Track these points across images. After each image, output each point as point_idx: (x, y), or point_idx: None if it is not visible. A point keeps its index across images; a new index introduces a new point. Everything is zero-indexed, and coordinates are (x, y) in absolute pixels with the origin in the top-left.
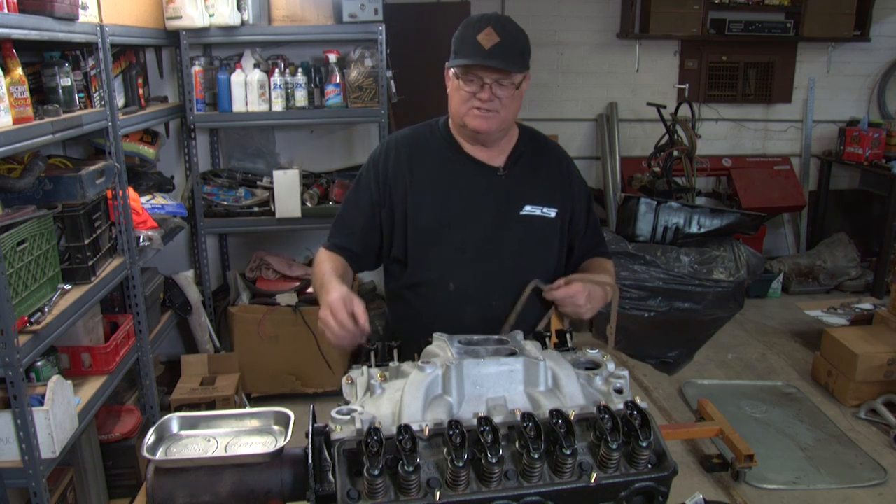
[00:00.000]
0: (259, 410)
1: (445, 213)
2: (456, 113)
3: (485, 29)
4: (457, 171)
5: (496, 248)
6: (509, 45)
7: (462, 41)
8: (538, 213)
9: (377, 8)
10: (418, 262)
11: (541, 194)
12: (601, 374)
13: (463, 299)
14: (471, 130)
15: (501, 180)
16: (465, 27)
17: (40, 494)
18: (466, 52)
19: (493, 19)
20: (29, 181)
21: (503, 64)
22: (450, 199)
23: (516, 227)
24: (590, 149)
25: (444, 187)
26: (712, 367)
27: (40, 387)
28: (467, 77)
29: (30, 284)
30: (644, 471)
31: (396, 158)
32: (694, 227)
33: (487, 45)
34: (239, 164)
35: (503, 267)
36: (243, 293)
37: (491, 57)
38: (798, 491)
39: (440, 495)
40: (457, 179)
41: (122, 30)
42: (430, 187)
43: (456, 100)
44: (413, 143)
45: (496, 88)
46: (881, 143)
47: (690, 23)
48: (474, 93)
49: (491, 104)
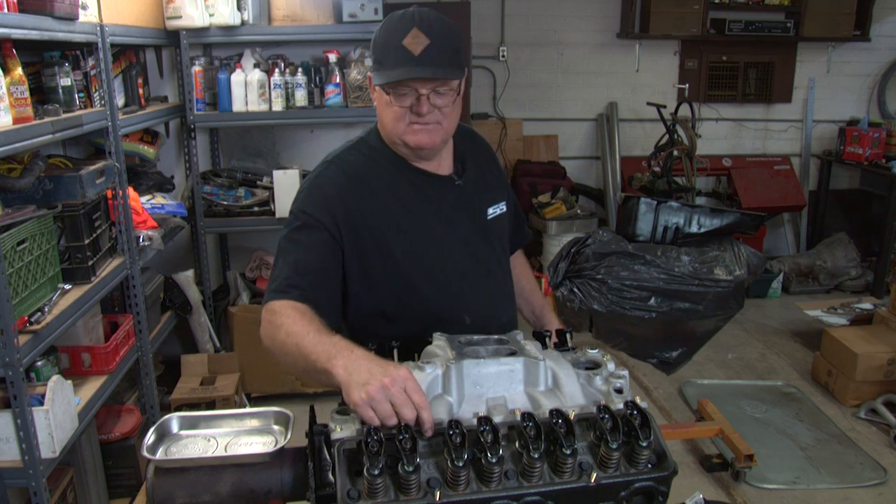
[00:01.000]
0: (259, 410)
1: (427, 242)
2: (391, 132)
3: (410, 31)
4: (418, 192)
5: (486, 262)
6: (441, 46)
7: (385, 49)
8: (499, 213)
9: (377, 8)
10: (415, 309)
11: (493, 193)
12: (601, 374)
13: (480, 327)
14: (413, 148)
15: (460, 188)
16: (387, 31)
17: (40, 494)
18: (393, 62)
19: (417, 18)
20: (29, 181)
21: (439, 72)
22: (425, 223)
23: (489, 233)
24: (590, 149)
25: (416, 213)
26: (712, 367)
27: (40, 387)
28: (399, 91)
29: (30, 284)
30: (644, 471)
31: (353, 194)
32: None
33: (417, 51)
34: (239, 163)
35: (496, 278)
36: (243, 293)
37: (423, 64)
38: (798, 491)
39: (440, 495)
40: (423, 202)
41: (122, 29)
42: (400, 219)
43: (389, 117)
44: (359, 172)
45: (434, 98)
46: (881, 142)
47: (690, 23)
48: (409, 107)
49: (431, 116)
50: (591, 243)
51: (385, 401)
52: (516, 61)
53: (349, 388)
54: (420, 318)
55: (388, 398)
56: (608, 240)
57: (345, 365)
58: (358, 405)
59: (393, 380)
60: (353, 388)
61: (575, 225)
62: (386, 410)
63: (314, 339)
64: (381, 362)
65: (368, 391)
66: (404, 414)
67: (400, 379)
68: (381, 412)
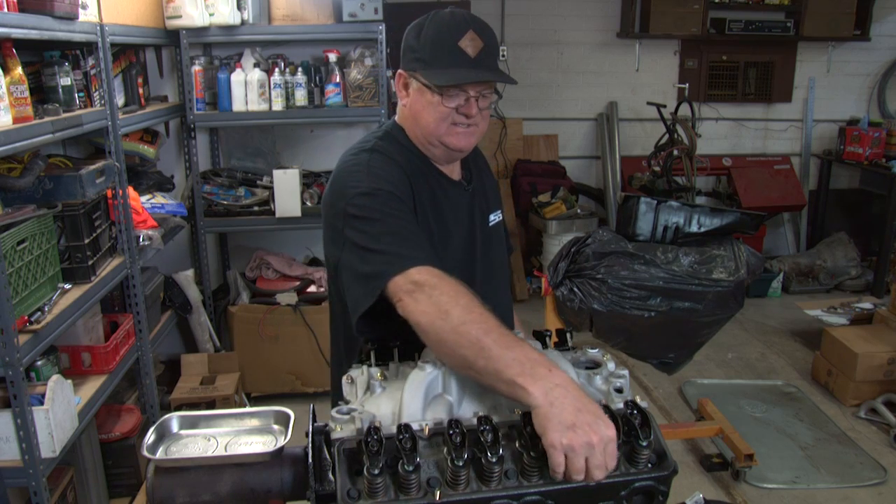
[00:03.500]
0: (259, 410)
1: (449, 244)
2: (432, 132)
3: (466, 33)
4: (442, 193)
5: (491, 268)
6: (493, 49)
7: (438, 48)
8: (497, 220)
9: (377, 7)
10: None
11: (492, 200)
12: (601, 374)
13: None
14: (450, 150)
15: (469, 195)
16: (438, 30)
17: (40, 494)
18: (448, 62)
19: (470, 19)
20: (29, 180)
21: (497, 76)
22: (447, 226)
23: (492, 240)
24: (590, 148)
25: (439, 214)
26: (712, 367)
27: (40, 386)
28: (450, 92)
29: (30, 284)
30: (644, 470)
31: (403, 175)
32: (694, 227)
33: (474, 53)
34: (239, 163)
35: (500, 285)
36: (243, 292)
37: (480, 67)
38: (798, 490)
39: (440, 494)
40: (445, 203)
41: (121, 29)
42: (427, 216)
43: (433, 116)
44: (401, 160)
45: (480, 101)
46: (881, 142)
47: (690, 22)
48: (456, 108)
49: (474, 119)
50: (590, 243)
51: (583, 457)
52: (516, 61)
53: (549, 424)
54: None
55: (587, 455)
56: (608, 239)
57: (546, 392)
58: (555, 448)
59: (601, 440)
60: (555, 427)
61: (575, 224)
62: (579, 466)
63: (498, 338)
64: (589, 405)
65: (572, 441)
66: (595, 476)
67: (606, 441)
68: (574, 466)
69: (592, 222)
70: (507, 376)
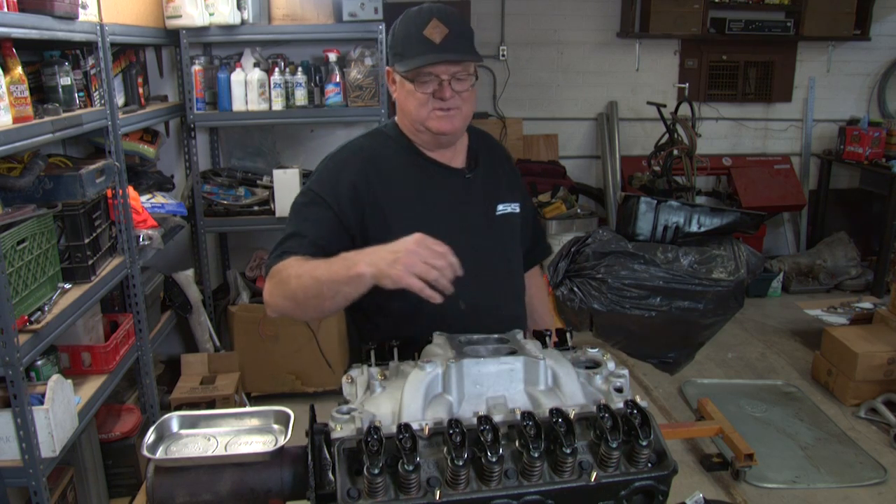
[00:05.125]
0: (259, 409)
1: (433, 228)
2: (415, 118)
3: (430, 22)
4: (429, 179)
5: (490, 255)
6: (459, 33)
7: (406, 41)
8: (509, 211)
9: (377, 7)
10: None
11: (505, 191)
12: (601, 373)
13: (476, 315)
14: (435, 134)
15: (471, 182)
16: (406, 25)
17: (40, 494)
18: (416, 51)
19: (435, 10)
20: (29, 180)
21: (460, 55)
22: (432, 210)
23: (497, 229)
24: (590, 148)
25: (424, 199)
26: (712, 367)
27: (40, 386)
28: (422, 78)
29: (30, 283)
30: (644, 470)
31: (362, 174)
32: (694, 226)
33: (438, 39)
34: (239, 163)
35: (499, 272)
36: (243, 292)
37: (446, 50)
38: (798, 490)
39: (440, 494)
40: (432, 189)
41: (121, 29)
42: (408, 203)
43: (412, 104)
44: (372, 155)
45: (455, 84)
46: (881, 142)
47: (691, 22)
48: (432, 93)
49: (452, 102)
50: (591, 242)
51: (418, 262)
52: (516, 61)
53: (383, 273)
54: (417, 297)
55: (420, 259)
56: (608, 239)
57: (368, 262)
58: (402, 278)
59: (414, 242)
60: (387, 270)
61: (575, 224)
62: (423, 268)
63: (326, 264)
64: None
65: (401, 263)
66: (438, 263)
67: (417, 240)
68: (421, 271)
69: (592, 222)
70: (343, 279)
